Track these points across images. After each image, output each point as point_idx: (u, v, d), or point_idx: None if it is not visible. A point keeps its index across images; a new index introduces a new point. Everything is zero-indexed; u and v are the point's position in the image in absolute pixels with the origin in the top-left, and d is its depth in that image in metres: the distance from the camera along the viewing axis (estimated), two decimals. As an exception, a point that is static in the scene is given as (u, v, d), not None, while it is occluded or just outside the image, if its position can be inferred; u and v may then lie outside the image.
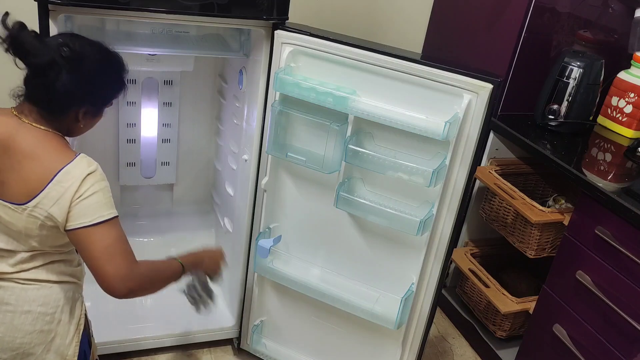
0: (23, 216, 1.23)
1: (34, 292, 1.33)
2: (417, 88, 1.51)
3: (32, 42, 1.22)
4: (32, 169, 1.23)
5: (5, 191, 1.24)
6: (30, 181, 1.22)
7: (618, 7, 2.14)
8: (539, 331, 1.88)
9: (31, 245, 1.29)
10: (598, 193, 1.64)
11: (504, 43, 2.06)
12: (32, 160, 1.23)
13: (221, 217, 2.24)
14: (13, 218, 1.25)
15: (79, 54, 1.25)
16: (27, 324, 1.32)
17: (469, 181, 1.57)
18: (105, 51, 1.34)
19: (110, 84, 1.36)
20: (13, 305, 1.31)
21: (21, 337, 1.32)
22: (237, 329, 2.08)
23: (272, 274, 1.83)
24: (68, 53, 1.23)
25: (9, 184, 1.23)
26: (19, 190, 1.23)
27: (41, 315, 1.33)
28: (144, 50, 1.83)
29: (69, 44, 1.24)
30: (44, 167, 1.23)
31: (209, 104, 2.25)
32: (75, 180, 1.21)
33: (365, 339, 1.85)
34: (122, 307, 2.10)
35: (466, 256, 2.25)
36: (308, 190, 1.76)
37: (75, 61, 1.24)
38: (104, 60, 1.32)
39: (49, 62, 1.22)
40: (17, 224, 1.25)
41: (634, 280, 1.56)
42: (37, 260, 1.32)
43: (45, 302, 1.33)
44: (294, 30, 1.60)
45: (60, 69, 1.22)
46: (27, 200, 1.22)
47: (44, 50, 1.22)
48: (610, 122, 2.09)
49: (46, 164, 1.23)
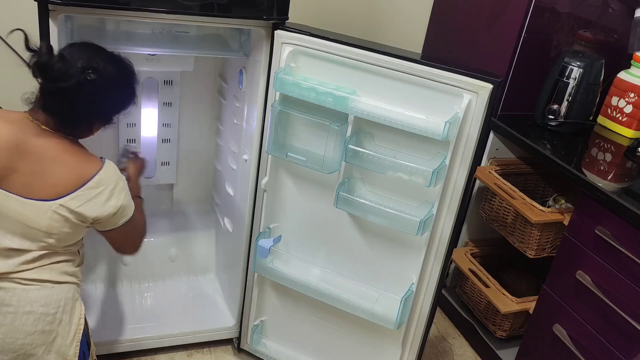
0: (48, 213, 1.30)
1: (35, 292, 1.33)
2: (417, 88, 1.51)
3: (60, 67, 1.28)
4: (61, 173, 1.31)
5: (30, 192, 1.30)
6: (58, 184, 1.31)
7: (618, 7, 2.14)
8: (539, 331, 1.88)
9: (47, 243, 1.33)
10: (598, 193, 1.64)
11: (504, 43, 2.06)
12: (60, 164, 1.32)
13: (221, 217, 2.24)
14: (37, 215, 1.30)
15: (102, 75, 1.33)
16: (28, 325, 1.32)
17: (469, 181, 1.57)
18: (123, 67, 1.43)
19: (126, 98, 1.46)
20: (14, 307, 1.31)
21: (22, 338, 1.32)
22: (237, 329, 2.08)
23: (272, 274, 1.83)
24: (94, 77, 1.31)
25: (33, 185, 1.29)
26: (44, 191, 1.30)
27: (43, 316, 1.34)
28: (144, 50, 1.83)
29: (93, 66, 1.31)
30: (74, 172, 1.33)
31: (209, 104, 2.25)
32: (105, 190, 1.36)
33: (365, 339, 1.85)
34: (122, 307, 2.11)
35: (466, 256, 2.25)
36: (308, 190, 1.76)
37: (99, 83, 1.32)
38: (122, 77, 1.41)
39: (75, 85, 1.29)
40: (40, 221, 1.30)
41: (634, 280, 1.56)
42: (43, 259, 1.34)
43: (46, 302, 1.34)
44: (294, 30, 1.61)
45: (84, 91, 1.31)
46: (54, 198, 1.30)
47: (71, 74, 1.28)
48: (610, 122, 2.09)
49: (76, 169, 1.33)
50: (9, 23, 1.97)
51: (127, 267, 2.21)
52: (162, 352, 2.04)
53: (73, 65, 1.29)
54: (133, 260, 2.21)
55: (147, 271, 2.24)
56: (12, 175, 1.29)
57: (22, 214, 1.29)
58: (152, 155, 2.23)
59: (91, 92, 1.32)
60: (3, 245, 1.30)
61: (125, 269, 2.21)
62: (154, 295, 2.19)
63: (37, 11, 1.43)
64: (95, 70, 1.31)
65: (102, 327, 1.98)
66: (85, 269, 2.10)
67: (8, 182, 1.29)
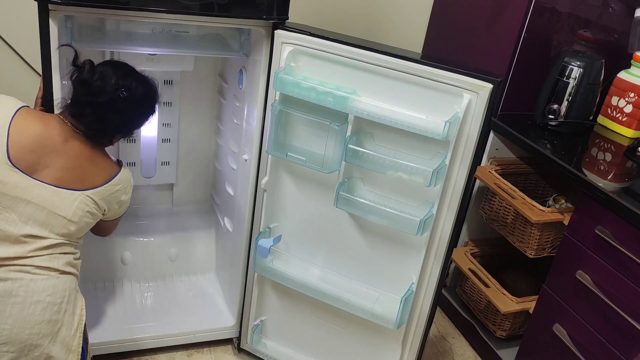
0: (75, 202, 1.43)
1: (43, 282, 1.37)
2: (417, 88, 1.51)
3: (99, 85, 1.45)
4: (89, 170, 1.48)
5: (61, 183, 1.42)
6: (86, 178, 1.46)
7: (618, 7, 2.14)
8: (539, 331, 1.88)
9: (67, 230, 1.44)
10: (598, 193, 1.64)
11: (504, 43, 2.06)
12: (89, 162, 1.48)
13: (221, 217, 2.24)
14: (66, 202, 1.42)
15: (133, 94, 1.49)
16: (36, 314, 1.35)
17: (469, 181, 1.57)
18: (150, 88, 1.56)
19: (147, 116, 1.60)
20: (22, 297, 1.34)
21: (30, 328, 1.35)
22: (237, 328, 2.08)
23: (272, 274, 1.83)
24: (126, 95, 1.47)
25: (64, 178, 1.43)
26: (74, 183, 1.44)
27: (50, 305, 1.37)
28: (144, 50, 1.83)
29: (127, 85, 1.47)
30: (101, 170, 1.50)
31: (209, 103, 2.25)
32: (123, 187, 1.55)
33: (365, 339, 1.85)
34: (121, 306, 2.11)
35: (466, 256, 2.25)
36: (308, 190, 1.76)
37: (129, 101, 1.48)
38: (149, 97, 1.56)
39: (108, 101, 1.45)
40: (67, 208, 1.43)
41: (634, 280, 1.56)
42: (55, 248, 1.42)
43: (53, 291, 1.38)
44: (294, 30, 1.61)
45: (115, 107, 1.46)
46: (83, 189, 1.45)
47: (106, 91, 1.45)
48: (610, 122, 2.09)
49: (102, 168, 1.51)
50: (9, 23, 1.99)
51: (127, 267, 2.21)
52: (162, 352, 2.04)
53: (109, 83, 1.45)
54: (133, 260, 2.21)
55: (147, 271, 2.24)
56: (45, 169, 1.40)
57: (51, 202, 1.40)
58: (152, 155, 2.23)
59: (121, 108, 1.47)
60: (24, 231, 1.37)
61: (125, 269, 2.21)
62: (154, 295, 2.19)
63: (37, 11, 1.43)
64: (128, 89, 1.47)
65: (102, 327, 1.98)
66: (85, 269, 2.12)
67: (41, 175, 1.40)
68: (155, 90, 1.59)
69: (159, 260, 2.26)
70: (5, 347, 1.32)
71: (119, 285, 2.19)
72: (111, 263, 2.19)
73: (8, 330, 1.32)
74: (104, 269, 2.18)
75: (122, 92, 1.46)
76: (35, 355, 1.36)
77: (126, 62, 1.57)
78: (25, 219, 1.38)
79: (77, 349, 1.44)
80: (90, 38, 1.70)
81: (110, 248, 2.18)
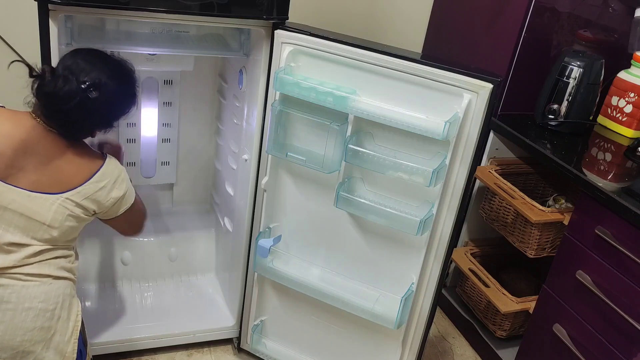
0: (54, 206, 1.35)
1: (35, 288, 1.34)
2: (417, 88, 1.51)
3: (65, 90, 1.32)
4: (67, 169, 1.37)
5: (37, 187, 1.34)
6: (64, 179, 1.37)
7: (618, 7, 2.14)
8: (539, 331, 1.88)
9: (49, 237, 1.37)
10: (598, 193, 1.64)
11: (504, 43, 2.06)
12: (66, 161, 1.38)
13: (221, 217, 2.24)
14: (42, 208, 1.34)
15: (105, 91, 1.37)
16: (28, 321, 1.33)
17: (469, 181, 1.57)
18: (125, 78, 1.45)
19: (126, 106, 1.49)
20: (14, 304, 1.32)
21: (22, 335, 1.33)
22: (237, 328, 2.08)
23: (272, 274, 1.83)
24: (95, 95, 1.35)
25: (40, 181, 1.35)
26: (51, 186, 1.35)
27: (42, 312, 1.35)
28: (144, 50, 1.83)
29: (96, 83, 1.34)
30: (79, 168, 1.39)
31: (209, 103, 2.25)
32: (108, 183, 1.43)
33: (365, 339, 1.85)
34: (121, 306, 2.11)
35: (466, 256, 2.25)
36: (308, 190, 1.76)
37: (100, 99, 1.36)
38: (123, 88, 1.45)
39: (78, 104, 1.33)
40: (45, 214, 1.35)
41: (634, 280, 1.56)
42: (43, 254, 1.37)
43: (45, 298, 1.36)
44: (294, 30, 1.60)
45: (88, 109, 1.35)
46: (60, 192, 1.36)
47: (73, 95, 1.32)
48: (611, 122, 2.09)
49: (81, 165, 1.40)
50: (9, 23, 1.99)
51: (127, 267, 2.21)
52: (162, 352, 2.04)
53: (74, 86, 1.32)
54: (133, 260, 2.21)
55: (147, 271, 2.24)
56: (19, 173, 1.33)
57: (27, 207, 1.33)
58: (152, 155, 2.23)
59: (94, 108, 1.37)
60: (5, 239, 1.32)
61: (125, 269, 2.21)
62: (154, 295, 2.19)
63: (37, 11, 1.43)
64: (97, 87, 1.35)
65: (102, 327, 1.98)
66: (85, 268, 2.12)
67: (15, 179, 1.33)
68: (131, 78, 1.48)
69: (159, 260, 2.26)
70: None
71: (119, 285, 2.19)
72: (111, 263, 2.19)
73: (0, 337, 1.31)
74: (104, 269, 2.18)
75: (90, 92, 1.34)
76: None
77: (95, 49, 1.45)
78: (5, 226, 1.32)
79: (72, 355, 1.41)
80: (90, 38, 1.69)
81: (110, 248, 2.18)
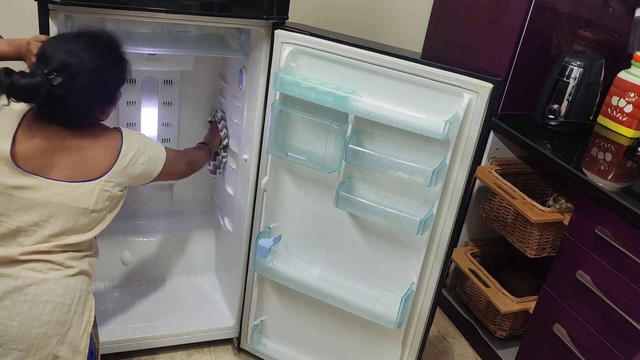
0: (95, 191, 1.41)
1: (53, 282, 1.37)
2: (417, 87, 1.51)
3: (26, 83, 1.26)
4: (94, 156, 1.41)
5: (74, 178, 1.39)
6: (95, 166, 1.41)
7: (618, 7, 2.14)
8: (539, 331, 1.88)
9: (90, 219, 1.42)
10: (598, 193, 1.64)
11: (504, 43, 2.06)
12: (91, 150, 1.41)
13: (221, 217, 2.24)
14: (85, 195, 1.40)
15: (71, 72, 1.30)
16: (45, 314, 1.35)
17: (469, 181, 1.57)
18: (97, 46, 1.38)
19: (114, 75, 1.44)
20: (32, 295, 1.34)
21: (37, 327, 1.34)
22: (237, 328, 2.08)
23: (272, 274, 1.83)
24: (59, 81, 1.28)
25: (74, 175, 1.39)
26: (86, 173, 1.40)
27: (59, 306, 1.36)
28: (144, 50, 1.83)
29: (57, 69, 1.28)
30: (105, 151, 1.43)
31: (209, 103, 2.25)
32: (134, 155, 1.46)
33: (365, 339, 1.85)
34: (122, 306, 2.11)
35: (466, 256, 2.25)
36: (308, 189, 1.76)
37: (71, 82, 1.30)
38: (99, 59, 1.37)
39: (47, 94, 1.29)
40: (87, 200, 1.40)
41: (634, 280, 1.56)
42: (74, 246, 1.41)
43: (64, 292, 1.38)
44: (294, 30, 1.60)
45: (62, 95, 1.30)
46: (99, 177, 1.41)
47: (36, 86, 1.27)
48: (611, 122, 2.09)
49: (104, 148, 1.43)
50: (9, 23, 1.98)
51: (127, 267, 2.21)
52: (162, 352, 2.04)
53: (38, 75, 1.27)
54: (133, 260, 2.21)
55: (147, 271, 2.24)
56: (52, 170, 1.38)
57: (70, 197, 1.38)
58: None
59: (70, 91, 1.31)
60: (46, 233, 1.37)
61: (125, 269, 2.21)
62: (154, 295, 2.19)
63: (37, 11, 1.43)
64: (63, 69, 1.29)
65: (102, 327, 1.97)
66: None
67: (52, 175, 1.38)
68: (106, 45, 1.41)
69: (159, 260, 2.26)
70: (14, 344, 1.32)
71: (119, 285, 2.19)
72: (111, 263, 2.18)
73: (16, 328, 1.32)
74: (104, 269, 2.17)
75: (54, 78, 1.28)
76: (42, 356, 1.35)
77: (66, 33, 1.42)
78: (46, 218, 1.37)
79: (85, 350, 1.43)
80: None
81: (110, 248, 2.18)
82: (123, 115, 2.13)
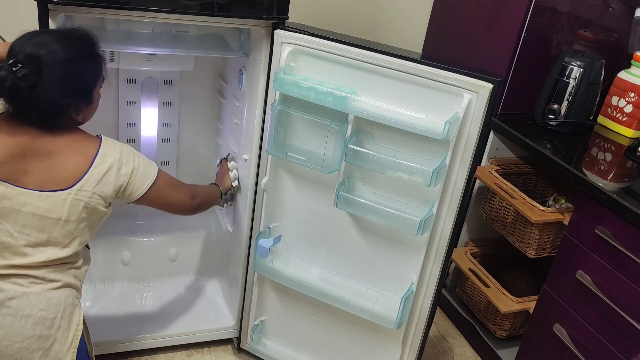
0: (67, 201, 1.32)
1: (36, 296, 1.33)
2: (417, 87, 1.51)
3: None
4: (67, 162, 1.33)
5: (47, 186, 1.31)
6: (68, 173, 1.33)
7: (618, 7, 2.14)
8: (539, 331, 1.88)
9: (66, 232, 1.34)
10: (598, 193, 1.64)
11: (504, 43, 2.06)
12: (64, 155, 1.33)
13: (221, 217, 2.24)
14: (56, 205, 1.32)
15: (37, 63, 1.24)
16: (27, 328, 1.31)
17: (469, 181, 1.57)
18: (68, 39, 1.32)
19: (86, 69, 1.35)
20: (13, 309, 1.31)
21: (20, 342, 1.31)
22: (237, 328, 2.08)
23: (272, 274, 1.83)
24: (23, 72, 1.22)
25: (46, 182, 1.31)
26: (59, 183, 1.32)
27: (41, 320, 1.33)
28: (144, 50, 1.83)
29: (22, 60, 1.22)
30: (79, 157, 1.34)
31: (209, 103, 2.25)
32: (114, 161, 1.37)
33: (365, 339, 1.85)
34: (122, 307, 2.11)
35: (466, 256, 2.25)
36: (308, 189, 1.76)
37: (38, 73, 1.24)
38: (70, 50, 1.30)
39: (12, 88, 1.22)
40: (60, 210, 1.32)
41: (634, 280, 1.56)
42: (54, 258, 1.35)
43: (46, 306, 1.33)
44: (294, 30, 1.60)
45: (28, 88, 1.23)
46: (70, 186, 1.32)
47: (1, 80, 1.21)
48: (611, 122, 2.09)
49: (78, 154, 1.34)
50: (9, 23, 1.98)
51: (127, 267, 2.21)
52: (162, 352, 2.04)
53: (3, 68, 1.22)
54: (133, 260, 2.21)
55: (147, 271, 2.24)
56: (24, 177, 1.31)
57: (41, 207, 1.31)
58: (152, 155, 2.23)
59: (38, 85, 1.24)
60: (21, 242, 1.32)
61: (125, 269, 2.21)
62: (154, 295, 2.19)
63: (37, 11, 1.43)
64: (28, 61, 1.23)
65: (102, 327, 1.98)
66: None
67: (23, 182, 1.31)
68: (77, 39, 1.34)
69: (159, 260, 2.26)
70: None
71: (119, 285, 2.19)
72: (111, 263, 2.19)
73: None
74: (104, 269, 2.17)
75: (19, 70, 1.21)
76: None
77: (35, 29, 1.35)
78: (19, 228, 1.31)
79: None
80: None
81: (110, 248, 2.18)
82: (123, 115, 2.13)
